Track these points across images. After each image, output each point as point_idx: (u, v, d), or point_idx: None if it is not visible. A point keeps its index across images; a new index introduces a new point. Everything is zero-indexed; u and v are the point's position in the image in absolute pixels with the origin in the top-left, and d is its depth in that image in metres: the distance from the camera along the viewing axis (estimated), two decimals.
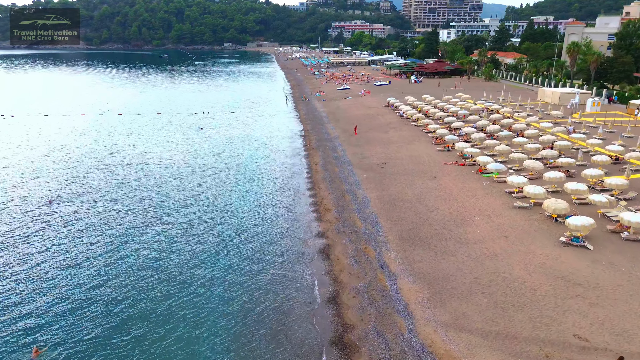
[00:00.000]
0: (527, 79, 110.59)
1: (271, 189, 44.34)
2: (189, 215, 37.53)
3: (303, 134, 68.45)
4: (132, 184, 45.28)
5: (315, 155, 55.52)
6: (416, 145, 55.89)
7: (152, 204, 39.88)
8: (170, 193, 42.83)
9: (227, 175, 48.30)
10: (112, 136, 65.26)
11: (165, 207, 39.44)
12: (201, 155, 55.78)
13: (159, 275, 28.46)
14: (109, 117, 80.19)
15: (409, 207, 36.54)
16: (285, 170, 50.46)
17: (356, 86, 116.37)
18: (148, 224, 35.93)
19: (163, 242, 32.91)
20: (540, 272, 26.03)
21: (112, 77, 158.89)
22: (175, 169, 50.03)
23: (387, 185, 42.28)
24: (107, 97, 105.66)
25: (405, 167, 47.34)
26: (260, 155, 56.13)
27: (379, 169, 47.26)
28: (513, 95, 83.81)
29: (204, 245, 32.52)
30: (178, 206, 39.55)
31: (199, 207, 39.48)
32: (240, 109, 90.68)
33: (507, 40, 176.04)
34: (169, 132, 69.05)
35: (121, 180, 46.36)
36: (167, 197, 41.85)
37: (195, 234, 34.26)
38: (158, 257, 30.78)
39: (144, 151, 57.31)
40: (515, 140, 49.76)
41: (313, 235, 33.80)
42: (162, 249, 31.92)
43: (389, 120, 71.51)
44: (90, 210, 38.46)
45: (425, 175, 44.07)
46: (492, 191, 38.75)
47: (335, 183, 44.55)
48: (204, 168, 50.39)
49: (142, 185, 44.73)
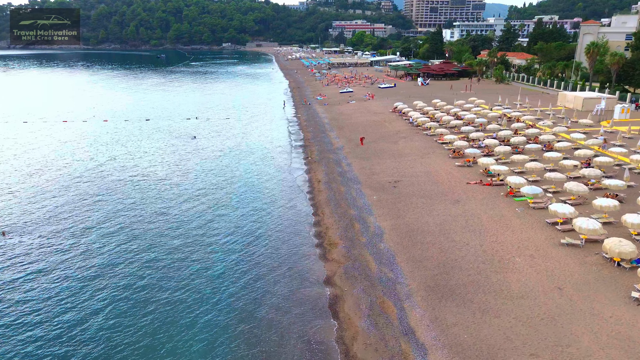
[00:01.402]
0: (540, 81, 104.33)
1: (268, 216, 38.07)
2: (170, 255, 31.26)
3: (304, 144, 62.20)
4: (107, 209, 39.03)
5: (318, 170, 49.29)
6: (431, 158, 49.66)
7: (128, 238, 33.62)
8: (150, 221, 36.59)
9: (219, 197, 42.00)
10: (92, 147, 59.00)
11: (143, 241, 33.20)
12: (190, 171, 49.42)
13: (129, 340, 22.29)
14: (93, 124, 73.94)
15: (432, 242, 30.31)
16: (284, 189, 44.19)
17: (359, 89, 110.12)
18: (122, 268, 29.70)
19: (138, 292, 26.69)
20: (617, 347, 19.80)
21: (105, 78, 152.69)
22: (160, 190, 43.76)
23: (403, 210, 36.06)
24: (96, 100, 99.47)
25: (422, 186, 41.11)
26: (257, 172, 49.83)
27: (391, 189, 41.03)
28: (530, 100, 77.55)
29: (183, 298, 26.29)
30: (159, 241, 33.29)
31: (182, 240, 33.25)
32: (236, 115, 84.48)
33: (514, 40, 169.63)
34: (157, 142, 62.77)
35: (94, 205, 40.12)
36: (146, 227, 35.62)
37: (170, 286, 28.03)
38: (131, 315, 24.55)
39: (125, 166, 50.99)
40: (547, 156, 43.44)
41: (317, 282, 27.54)
42: (137, 301, 25.69)
43: (397, 128, 65.28)
44: (52, 246, 32.24)
45: (446, 198, 37.86)
46: (529, 221, 32.52)
47: (342, 206, 38.33)
48: (192, 189, 44.07)
49: (118, 212, 38.47)
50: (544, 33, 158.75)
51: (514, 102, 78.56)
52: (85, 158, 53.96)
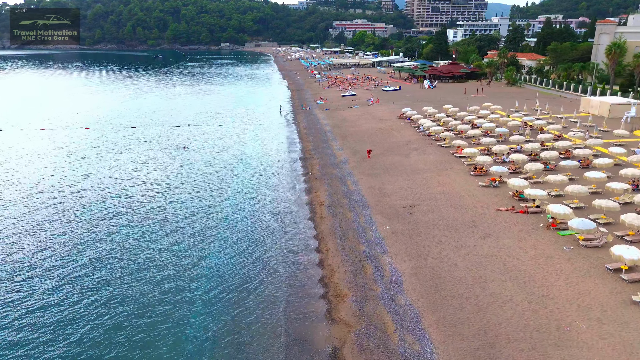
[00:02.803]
0: (555, 83, 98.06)
1: (263, 254, 31.76)
2: (142, 311, 25.04)
3: (304, 156, 55.92)
4: (66, 250, 32.76)
5: (320, 190, 43.02)
6: (450, 176, 43.39)
7: (93, 284, 27.39)
8: (120, 258, 30.34)
9: (203, 229, 35.69)
10: (66, 161, 52.60)
11: (108, 287, 26.98)
12: (173, 194, 42.82)
13: None
14: (73, 132, 67.61)
15: (466, 295, 24.07)
16: (282, 215, 37.86)
17: (362, 92, 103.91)
18: (85, 315, 23.49)
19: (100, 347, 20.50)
20: None
21: (97, 80, 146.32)
22: (136, 218, 37.44)
23: (423, 246, 29.81)
24: (82, 105, 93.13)
25: (443, 213, 34.85)
26: (251, 193, 43.44)
27: (407, 216, 34.77)
28: (551, 106, 71.28)
29: None
30: (130, 284, 27.09)
31: (150, 298, 27.02)
32: (230, 121, 78.21)
33: (522, 40, 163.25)
34: (141, 154, 56.43)
35: (56, 240, 33.85)
36: (116, 266, 29.38)
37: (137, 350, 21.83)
38: None
39: (100, 186, 44.47)
40: (588, 176, 37.15)
41: (322, 357, 21.27)
42: None
43: (407, 138, 59.01)
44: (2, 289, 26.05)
45: (474, 230, 31.60)
46: (584, 265, 26.28)
47: (349, 240, 32.06)
48: (173, 217, 37.60)
49: (79, 248, 32.23)
50: (553, 33, 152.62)
51: (532, 108, 72.29)
52: (56, 175, 47.52)
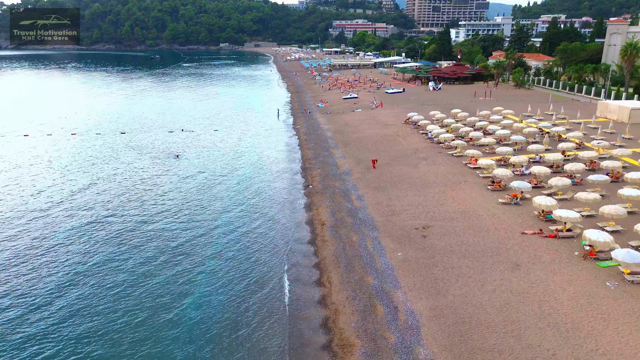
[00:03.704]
0: (566, 85, 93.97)
1: (257, 290, 27.75)
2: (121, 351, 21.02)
3: (303, 165, 51.82)
4: (33, 277, 28.72)
5: (322, 206, 38.94)
6: (464, 190, 39.30)
7: (45, 336, 23.38)
8: (95, 298, 26.33)
9: (191, 260, 31.66)
10: (46, 171, 48.54)
11: (80, 330, 22.97)
12: (158, 216, 38.39)
13: None
14: (58, 138, 63.53)
15: (499, 349, 19.97)
16: (278, 239, 33.74)
17: (364, 94, 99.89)
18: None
19: None
20: None
21: (91, 81, 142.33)
22: (113, 245, 33.40)
23: (442, 279, 25.74)
24: (72, 107, 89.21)
25: (461, 236, 30.77)
26: (245, 210, 39.26)
27: (420, 240, 30.71)
28: (564, 110, 67.18)
29: None
30: (104, 326, 23.08)
31: (128, 347, 22.98)
32: (226, 126, 74.17)
33: (527, 40, 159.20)
34: (128, 165, 52.34)
35: (21, 268, 29.81)
36: (88, 305, 25.37)
37: None
38: None
39: (76, 206, 40.18)
40: (623, 194, 33.02)
41: None
42: None
43: (414, 146, 54.94)
44: None
45: (500, 258, 27.52)
46: (635, 308, 22.19)
47: (355, 270, 27.97)
48: (157, 242, 33.68)
49: (48, 280, 28.20)
50: (559, 33, 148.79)
51: (546, 112, 68.21)
52: (30, 188, 43.43)
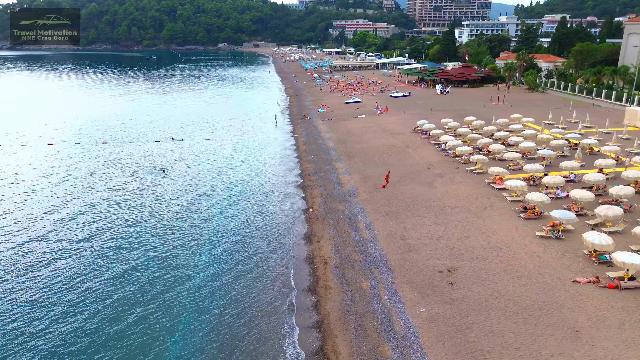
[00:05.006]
0: (583, 89, 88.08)
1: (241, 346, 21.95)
2: None
3: (303, 183, 45.91)
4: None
5: (324, 238, 33.05)
6: (492, 218, 33.39)
7: None
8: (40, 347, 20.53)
9: (161, 317, 25.88)
10: (10, 190, 42.67)
11: None
12: (136, 251, 32.79)
13: None
14: (33, 149, 57.68)
15: None
16: (269, 286, 27.90)
17: (368, 98, 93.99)
18: None
19: None
20: None
21: (81, 83, 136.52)
22: (79, 291, 27.61)
23: (481, 351, 19.86)
24: (55, 113, 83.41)
25: (498, 284, 24.87)
26: (234, 245, 33.52)
27: (447, 289, 24.84)
28: (589, 118, 61.34)
29: None
30: None
31: None
32: (220, 134, 68.26)
33: (535, 40, 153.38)
34: (106, 182, 46.51)
35: None
36: None
37: None
38: None
39: (34, 234, 34.57)
40: None
41: None
42: None
43: (428, 159, 49.04)
44: None
45: (552, 319, 21.64)
46: None
47: (369, 335, 22.06)
48: (128, 293, 27.94)
49: None
50: (569, 33, 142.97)
51: (569, 120, 62.34)
52: None
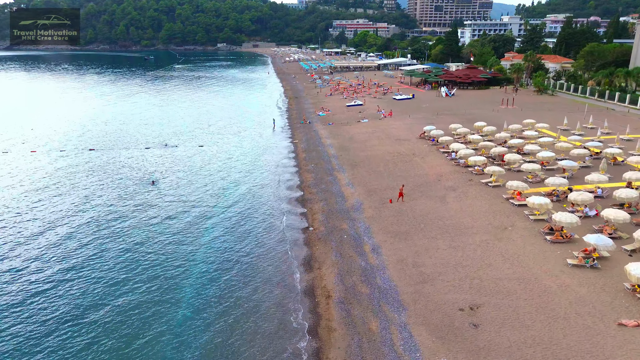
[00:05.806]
0: (594, 92, 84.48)
1: None
2: None
3: (302, 196, 42.21)
4: None
5: (325, 264, 29.38)
6: (514, 240, 29.71)
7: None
8: None
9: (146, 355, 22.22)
10: None
11: None
12: (115, 276, 29.43)
13: None
14: (14, 156, 54.00)
15: None
16: (264, 328, 24.23)
17: (370, 100, 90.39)
18: None
19: None
20: None
21: (75, 85, 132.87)
22: (52, 324, 23.97)
23: None
24: (44, 117, 79.69)
25: (531, 329, 21.18)
26: (224, 274, 29.90)
27: (470, 333, 21.18)
28: (608, 124, 57.70)
29: None
30: None
31: None
32: (214, 140, 64.58)
33: (540, 40, 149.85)
34: (88, 196, 42.81)
35: None
36: None
37: None
38: None
39: (9, 268, 30.98)
40: None
41: None
42: None
43: (437, 169, 45.36)
44: None
45: None
46: None
47: None
48: (106, 328, 24.31)
49: None
50: (575, 33, 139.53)
51: (585, 126, 58.70)
52: None
